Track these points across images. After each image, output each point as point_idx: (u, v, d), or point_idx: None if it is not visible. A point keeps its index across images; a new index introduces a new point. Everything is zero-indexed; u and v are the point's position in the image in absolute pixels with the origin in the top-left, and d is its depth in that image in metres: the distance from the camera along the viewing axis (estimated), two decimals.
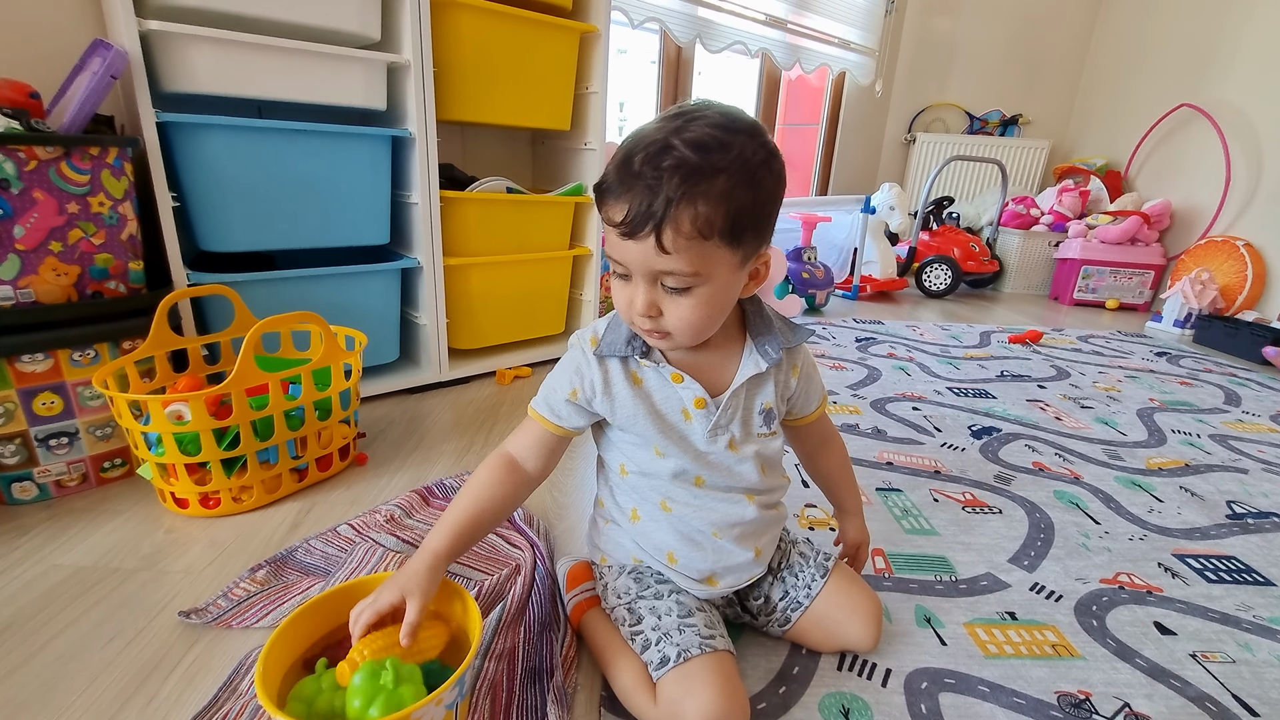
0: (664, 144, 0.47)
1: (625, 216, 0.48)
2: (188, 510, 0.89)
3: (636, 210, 0.48)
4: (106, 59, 0.89)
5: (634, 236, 0.49)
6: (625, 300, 0.54)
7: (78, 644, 0.65)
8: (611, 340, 0.60)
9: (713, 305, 0.53)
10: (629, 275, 0.53)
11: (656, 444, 0.60)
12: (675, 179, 0.46)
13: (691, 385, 0.59)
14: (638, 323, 0.55)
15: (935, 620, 0.74)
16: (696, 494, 0.61)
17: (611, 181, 0.50)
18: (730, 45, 2.39)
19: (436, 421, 1.25)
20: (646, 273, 0.51)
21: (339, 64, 1.12)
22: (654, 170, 0.47)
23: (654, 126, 0.50)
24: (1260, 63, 2.49)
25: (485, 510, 0.61)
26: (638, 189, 0.48)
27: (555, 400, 0.62)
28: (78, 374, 0.89)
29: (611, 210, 0.50)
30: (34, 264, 0.84)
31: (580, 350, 0.61)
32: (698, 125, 0.48)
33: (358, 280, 1.25)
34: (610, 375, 0.60)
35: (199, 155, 1.03)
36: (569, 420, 0.62)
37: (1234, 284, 2.43)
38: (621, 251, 0.51)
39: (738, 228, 0.49)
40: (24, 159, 0.81)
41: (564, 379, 0.62)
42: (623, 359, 0.60)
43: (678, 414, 0.60)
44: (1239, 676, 0.68)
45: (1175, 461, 1.22)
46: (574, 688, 0.63)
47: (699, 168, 0.47)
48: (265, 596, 0.72)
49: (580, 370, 0.61)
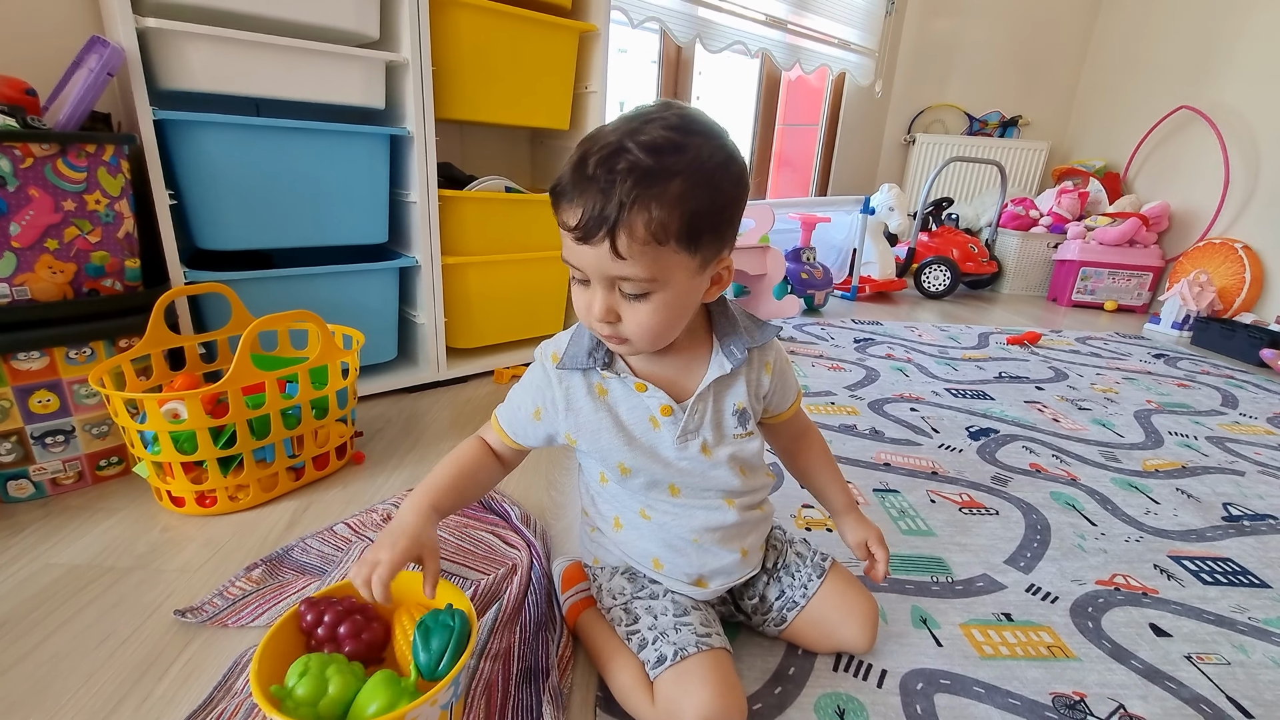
0: (617, 146, 0.46)
1: (579, 220, 0.47)
2: (184, 509, 0.88)
3: (590, 214, 0.47)
4: (103, 56, 0.89)
5: (588, 241, 0.48)
6: (583, 305, 0.53)
7: (72, 643, 0.65)
8: (574, 353, 0.59)
9: (671, 311, 0.52)
10: (587, 280, 0.52)
11: (622, 460, 0.59)
12: (628, 182, 0.45)
13: (656, 393, 0.58)
14: (596, 328, 0.54)
15: (931, 621, 0.74)
16: (674, 502, 0.61)
17: (565, 184, 0.49)
18: (730, 45, 2.39)
19: (434, 420, 1.25)
20: (603, 278, 0.50)
21: (337, 62, 1.12)
22: (607, 173, 0.46)
23: (610, 128, 0.49)
24: (1258, 66, 2.49)
25: (468, 477, 0.62)
26: (591, 192, 0.46)
27: (518, 417, 0.63)
28: (74, 372, 0.88)
29: (565, 214, 0.49)
30: (30, 261, 0.84)
31: (542, 367, 0.61)
32: (653, 127, 0.47)
33: (355, 279, 1.25)
34: (572, 392, 0.59)
35: (196, 153, 1.03)
36: (525, 438, 0.64)
37: (1232, 286, 2.43)
38: (577, 256, 0.50)
39: (694, 231, 0.48)
40: (19, 156, 0.81)
41: (528, 397, 0.62)
42: (585, 371, 0.59)
43: (645, 424, 0.58)
44: (1234, 678, 0.68)
45: (1172, 463, 1.22)
46: (569, 688, 0.63)
47: (652, 171, 0.46)
48: (261, 595, 0.72)
49: (541, 389, 0.61)
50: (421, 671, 0.48)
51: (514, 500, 0.94)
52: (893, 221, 2.66)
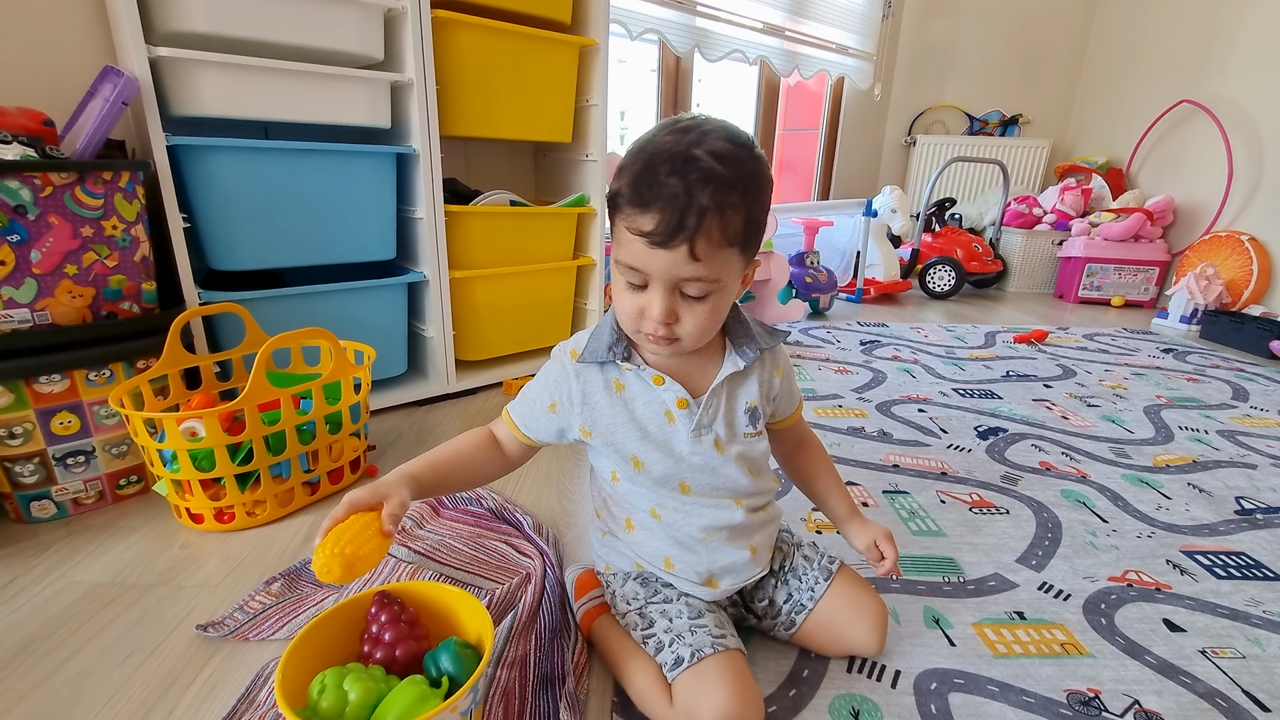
0: (688, 155, 0.49)
1: (656, 226, 0.49)
2: (203, 525, 0.90)
3: (669, 220, 0.49)
4: (117, 86, 0.92)
5: (666, 246, 0.50)
6: (635, 308, 0.55)
7: (96, 660, 0.66)
8: (594, 348, 0.61)
9: (721, 310, 0.56)
10: (645, 284, 0.54)
11: (635, 453, 0.61)
12: (708, 190, 0.48)
13: (673, 386, 0.60)
14: (647, 329, 0.55)
15: (944, 621, 0.75)
16: (684, 500, 0.62)
17: (637, 192, 0.50)
18: (728, 54, 2.42)
19: (445, 432, 1.26)
20: (669, 281, 0.52)
21: (343, 84, 1.14)
22: (683, 181, 0.48)
23: (668, 138, 0.51)
24: (1259, 56, 2.49)
25: (463, 461, 0.64)
26: (667, 199, 0.49)
27: (532, 411, 0.64)
28: (94, 393, 0.90)
29: (638, 220, 0.51)
30: (50, 287, 0.86)
31: (560, 363, 0.63)
32: (712, 138, 0.50)
33: (365, 295, 1.27)
34: (589, 386, 0.61)
35: (208, 177, 1.05)
36: (536, 432, 0.65)
37: (1239, 279, 2.42)
38: (645, 260, 0.52)
39: (751, 234, 0.53)
40: (39, 185, 0.83)
41: (544, 390, 0.63)
42: (602, 365, 0.61)
43: (660, 418, 0.60)
44: (1249, 672, 0.68)
45: (1183, 458, 1.22)
46: (586, 694, 0.63)
47: (726, 180, 0.49)
48: (281, 609, 0.73)
49: (559, 382, 0.62)
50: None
51: (526, 510, 0.96)
52: (895, 223, 2.67)
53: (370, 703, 0.47)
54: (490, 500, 0.98)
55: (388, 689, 0.48)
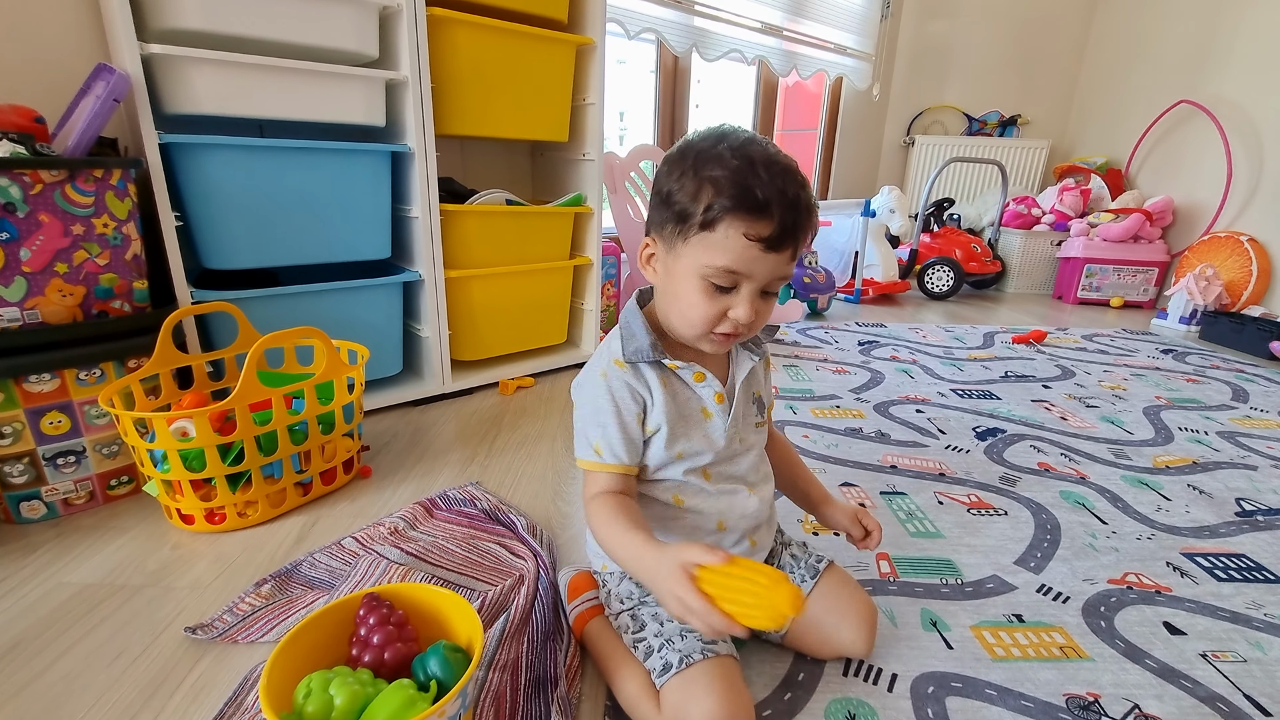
0: (776, 161, 0.52)
1: (774, 230, 0.51)
2: (193, 526, 0.89)
3: (785, 223, 0.52)
4: (110, 83, 0.91)
5: (778, 248, 0.52)
6: (717, 311, 0.56)
7: (84, 661, 0.66)
8: (637, 348, 0.60)
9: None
10: (734, 286, 0.55)
11: (682, 448, 0.61)
12: (804, 192, 0.53)
13: (712, 382, 0.62)
14: (724, 329, 0.57)
15: (941, 623, 0.74)
16: (704, 486, 0.63)
17: (751, 198, 0.51)
18: (726, 54, 2.41)
19: (440, 433, 1.26)
20: (766, 282, 0.55)
21: (338, 82, 1.14)
22: (789, 186, 0.52)
23: (751, 145, 0.53)
24: (1257, 57, 2.49)
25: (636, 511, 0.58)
26: (785, 204, 0.51)
27: (625, 436, 0.59)
28: (84, 393, 0.89)
29: (755, 226, 0.52)
30: (40, 285, 0.86)
31: (612, 377, 0.59)
32: (773, 148, 0.54)
33: (360, 295, 1.26)
34: (651, 383, 0.61)
35: (201, 175, 1.05)
36: (636, 453, 0.60)
37: (1239, 279, 2.42)
38: (750, 264, 0.53)
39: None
40: (29, 183, 0.82)
41: (622, 407, 0.59)
42: (651, 364, 0.60)
43: (698, 413, 0.62)
44: (1250, 676, 0.67)
45: (1183, 459, 1.21)
46: (578, 697, 0.63)
47: (807, 183, 0.54)
48: (270, 611, 0.72)
49: (632, 389, 0.59)
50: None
51: (520, 511, 0.95)
52: (894, 223, 2.66)
53: (356, 707, 0.46)
54: (484, 501, 0.97)
55: (375, 693, 0.47)
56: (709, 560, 0.46)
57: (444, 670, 0.50)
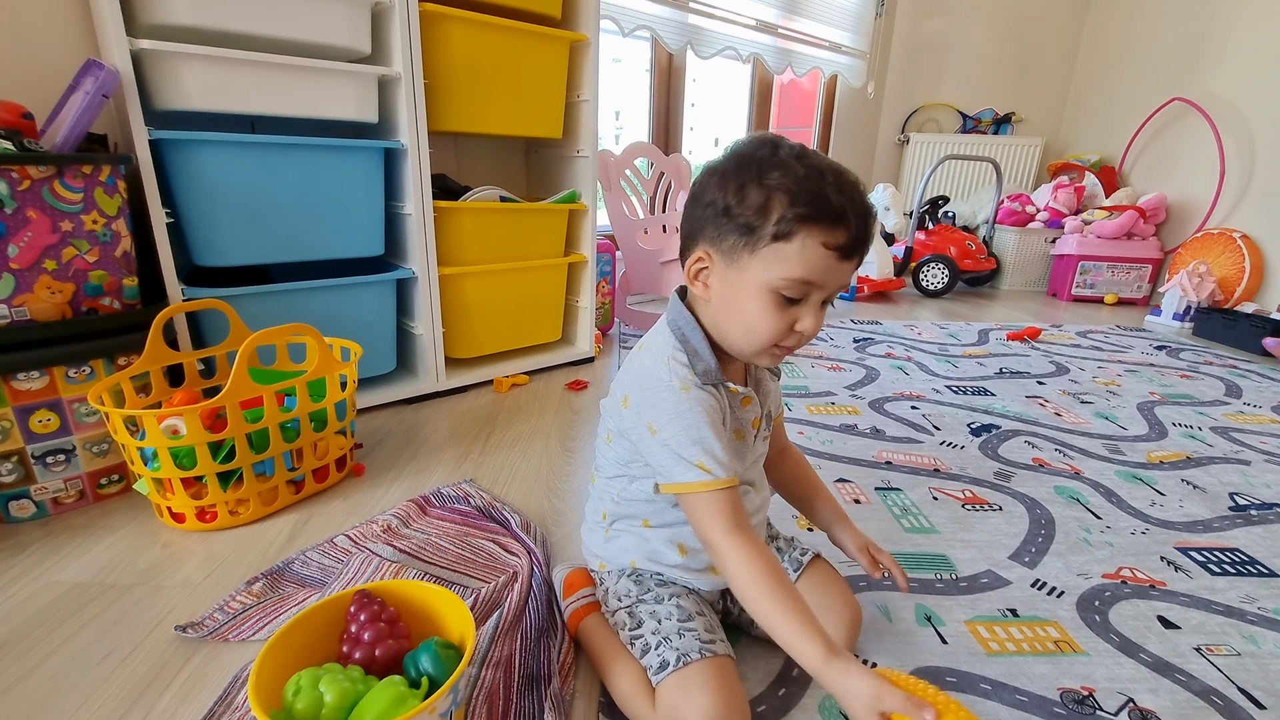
0: (844, 172, 0.52)
1: (850, 239, 0.51)
2: (184, 525, 0.88)
3: (859, 231, 0.51)
4: (99, 79, 0.90)
5: (851, 256, 0.52)
6: (786, 323, 0.53)
7: (73, 660, 0.65)
8: (704, 370, 0.57)
9: None
10: (804, 297, 0.52)
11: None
12: (866, 199, 0.52)
13: (755, 408, 0.62)
14: (789, 343, 0.55)
15: (936, 619, 0.74)
16: None
17: (828, 207, 0.50)
18: (721, 51, 2.41)
19: (434, 431, 1.25)
20: (833, 291, 0.54)
21: (330, 78, 1.13)
22: (858, 194, 0.51)
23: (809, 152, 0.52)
24: (1250, 55, 2.50)
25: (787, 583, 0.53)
26: (859, 212, 0.51)
27: (716, 449, 0.54)
28: (73, 391, 0.89)
29: (833, 235, 0.50)
30: (28, 282, 0.85)
31: (688, 388, 0.56)
32: (823, 154, 0.54)
33: (352, 292, 1.25)
34: (722, 404, 0.59)
35: (192, 171, 1.04)
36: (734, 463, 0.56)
37: (1232, 276, 2.43)
38: (826, 273, 0.51)
39: None
40: (17, 179, 0.81)
41: (707, 419, 0.55)
42: (715, 385, 0.58)
43: (745, 430, 0.62)
44: (1244, 669, 0.68)
45: (1176, 454, 1.22)
46: (572, 694, 0.62)
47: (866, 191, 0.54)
48: (262, 609, 0.71)
49: (710, 406, 0.56)
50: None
51: (515, 508, 0.94)
52: (889, 221, 2.67)
53: (346, 704, 0.45)
54: (478, 498, 0.97)
55: (365, 690, 0.47)
56: (910, 714, 0.42)
57: (435, 666, 0.49)
